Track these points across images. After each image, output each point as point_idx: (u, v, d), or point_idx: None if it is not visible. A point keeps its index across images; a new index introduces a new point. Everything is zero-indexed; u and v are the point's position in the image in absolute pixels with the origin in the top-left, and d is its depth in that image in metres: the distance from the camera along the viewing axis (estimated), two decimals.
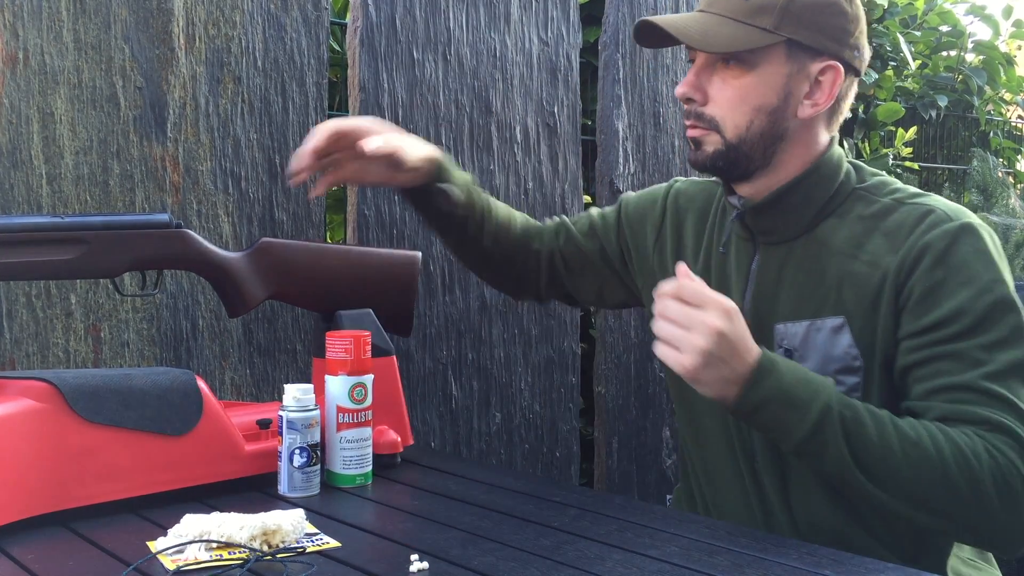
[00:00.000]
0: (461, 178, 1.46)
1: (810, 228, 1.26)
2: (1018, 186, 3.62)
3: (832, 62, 1.22)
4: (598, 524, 1.11)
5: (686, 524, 1.11)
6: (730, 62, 1.22)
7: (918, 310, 1.16)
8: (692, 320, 1.09)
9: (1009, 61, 3.42)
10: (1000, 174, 3.37)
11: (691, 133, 1.27)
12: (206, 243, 1.30)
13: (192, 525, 0.99)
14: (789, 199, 1.26)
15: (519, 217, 1.56)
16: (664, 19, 1.25)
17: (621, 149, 2.12)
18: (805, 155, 1.26)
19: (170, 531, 1.00)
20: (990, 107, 3.42)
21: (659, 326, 1.11)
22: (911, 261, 1.17)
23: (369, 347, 1.29)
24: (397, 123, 1.81)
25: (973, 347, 1.13)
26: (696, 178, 1.49)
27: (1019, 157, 3.69)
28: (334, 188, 2.19)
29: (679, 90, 1.26)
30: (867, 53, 1.27)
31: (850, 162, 1.29)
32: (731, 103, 1.23)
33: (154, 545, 0.99)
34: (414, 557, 0.96)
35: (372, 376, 1.30)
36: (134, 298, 1.55)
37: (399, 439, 1.40)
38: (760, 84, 1.22)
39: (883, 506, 1.11)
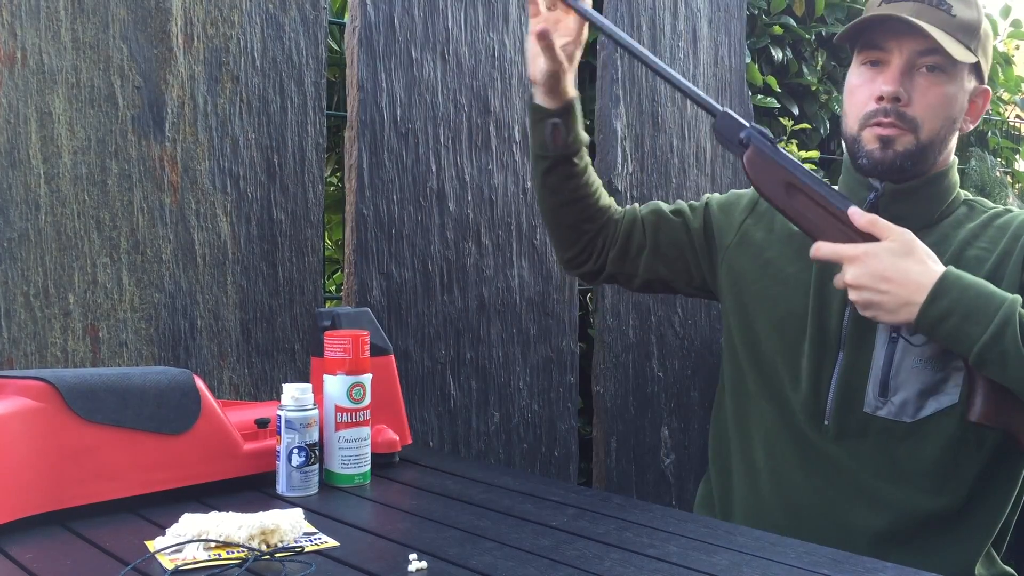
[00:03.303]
0: (579, 128, 1.49)
1: (932, 223, 1.35)
2: (1016, 186, 3.62)
3: (985, 88, 1.38)
4: (596, 523, 1.11)
5: (684, 523, 1.11)
6: (934, 70, 1.30)
7: None
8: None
9: (1007, 61, 3.42)
10: (998, 173, 3.37)
11: (885, 132, 1.32)
12: None
13: (190, 524, 0.99)
14: (926, 191, 1.35)
15: (606, 193, 1.58)
16: (901, 11, 1.29)
17: (619, 148, 2.12)
18: (944, 161, 1.38)
19: (168, 530, 1.00)
20: (988, 107, 3.43)
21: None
22: None
23: (367, 346, 1.30)
24: (395, 123, 1.81)
25: None
26: None
27: (1017, 156, 3.69)
28: (331, 188, 2.18)
29: (888, 88, 1.31)
30: None
31: None
32: (933, 108, 1.31)
33: (152, 544, 0.99)
34: (412, 556, 0.96)
35: (370, 375, 1.30)
36: (132, 297, 1.55)
37: (397, 438, 1.40)
38: (954, 96, 1.33)
39: None
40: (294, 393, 1.22)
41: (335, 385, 1.27)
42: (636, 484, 2.18)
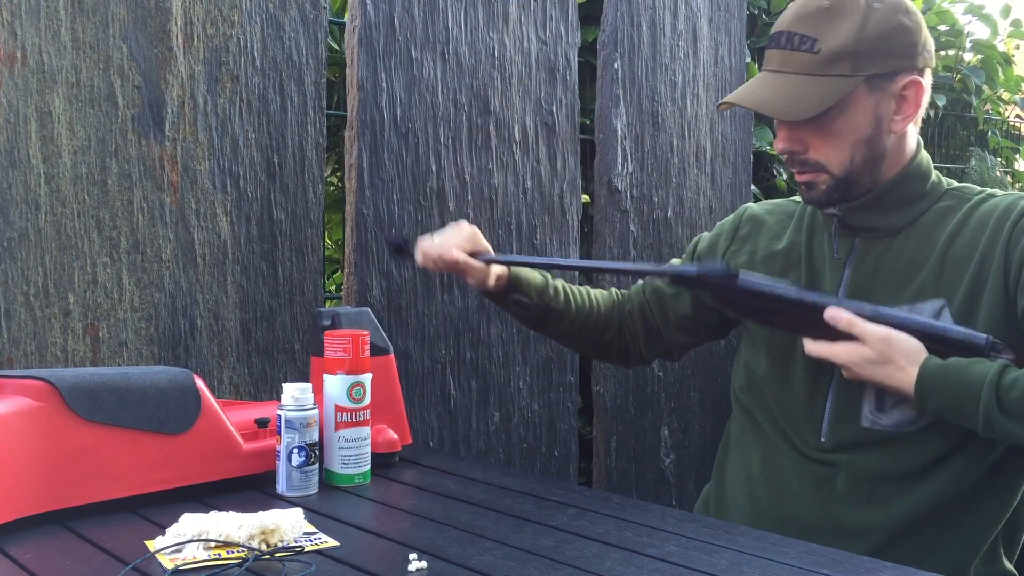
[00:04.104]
0: (533, 283, 1.51)
1: (910, 223, 1.33)
2: (1016, 185, 3.62)
3: (912, 77, 1.28)
4: (596, 523, 1.11)
5: (684, 523, 1.12)
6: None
7: None
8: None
9: (1007, 60, 3.42)
10: (998, 173, 3.37)
11: (801, 179, 1.34)
12: None
13: (190, 524, 0.99)
14: (887, 198, 1.33)
15: (603, 294, 1.61)
16: (746, 97, 1.31)
17: (619, 148, 2.12)
18: (900, 160, 1.33)
19: (168, 530, 1.00)
20: (988, 106, 3.42)
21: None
22: (1015, 241, 1.25)
23: (368, 346, 1.29)
24: (395, 123, 1.81)
25: None
26: (767, 201, 1.56)
27: (1017, 156, 3.69)
28: (331, 188, 2.19)
29: (779, 146, 1.33)
30: (931, 44, 1.33)
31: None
32: (831, 145, 1.29)
33: (152, 544, 0.99)
34: (412, 556, 0.96)
35: (370, 375, 1.30)
36: (132, 298, 1.55)
37: (397, 438, 1.40)
38: (852, 121, 1.28)
39: None
40: (294, 393, 1.22)
41: (335, 385, 1.27)
42: (636, 484, 2.18)
